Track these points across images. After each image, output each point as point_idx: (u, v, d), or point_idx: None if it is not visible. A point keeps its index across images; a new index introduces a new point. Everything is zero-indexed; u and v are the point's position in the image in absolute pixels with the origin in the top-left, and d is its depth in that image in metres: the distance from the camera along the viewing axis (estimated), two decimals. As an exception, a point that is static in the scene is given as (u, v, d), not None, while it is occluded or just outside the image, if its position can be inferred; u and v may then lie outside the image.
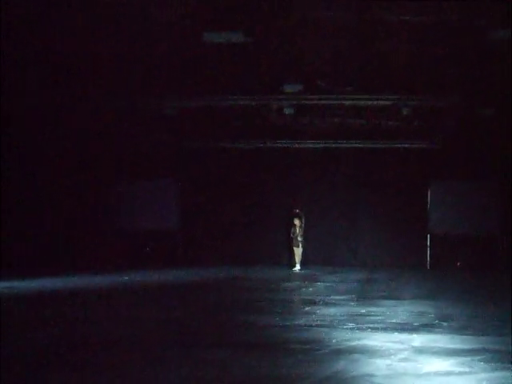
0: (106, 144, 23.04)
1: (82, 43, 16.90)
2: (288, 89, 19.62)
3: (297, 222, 21.86)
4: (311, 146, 23.27)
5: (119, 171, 23.82)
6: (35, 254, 21.88)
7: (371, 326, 9.90)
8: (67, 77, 18.82)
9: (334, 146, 23.12)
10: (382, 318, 10.82)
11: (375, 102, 20.25)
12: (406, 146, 22.76)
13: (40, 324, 10.22)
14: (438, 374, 6.91)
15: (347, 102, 20.34)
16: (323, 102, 20.40)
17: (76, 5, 14.89)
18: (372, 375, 6.83)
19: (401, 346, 8.23)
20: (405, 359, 7.51)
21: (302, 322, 10.42)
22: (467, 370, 7.07)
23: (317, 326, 9.93)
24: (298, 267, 21.56)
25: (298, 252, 21.83)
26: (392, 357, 7.62)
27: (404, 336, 9.00)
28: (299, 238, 21.80)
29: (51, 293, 14.90)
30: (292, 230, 21.93)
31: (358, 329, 9.63)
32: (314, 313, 11.44)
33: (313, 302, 12.94)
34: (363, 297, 14.12)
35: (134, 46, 17.30)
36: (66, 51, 17.17)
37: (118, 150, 23.34)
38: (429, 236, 22.92)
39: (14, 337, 8.99)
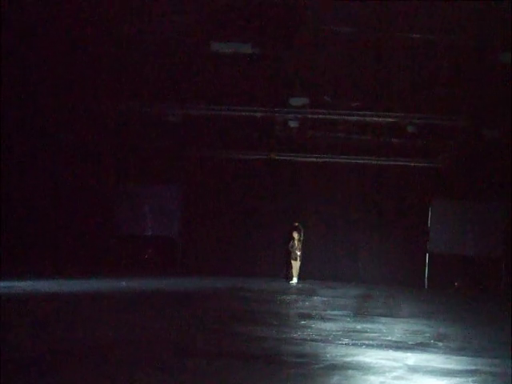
0: (109, 148, 23.07)
1: (90, 48, 16.98)
2: (294, 102, 19.66)
3: (295, 235, 21.83)
4: (314, 159, 23.27)
5: (121, 176, 23.83)
6: (35, 255, 21.84)
7: (366, 342, 9.86)
8: (73, 81, 18.88)
9: (337, 160, 23.12)
10: (378, 335, 10.78)
11: (380, 119, 20.27)
12: (410, 163, 22.76)
13: (32, 327, 10.18)
14: (431, 393, 6.89)
15: (352, 118, 20.37)
16: (328, 116, 20.43)
17: (85, 10, 14.99)
18: (365, 392, 6.81)
19: (395, 364, 8.20)
20: (399, 377, 7.47)
21: (297, 335, 10.39)
22: (461, 391, 7.06)
23: (312, 340, 9.90)
24: (295, 280, 21.52)
25: (296, 265, 21.79)
26: (386, 374, 7.59)
27: (399, 354, 8.97)
28: (297, 252, 21.75)
29: (47, 295, 14.86)
30: (290, 242, 21.89)
31: (353, 345, 9.59)
32: (310, 327, 11.40)
33: (309, 316, 12.90)
34: (360, 313, 14.08)
35: (142, 53, 17.37)
36: (74, 56, 17.25)
37: (121, 155, 23.36)
38: (428, 255, 22.88)
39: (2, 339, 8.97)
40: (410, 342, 10.11)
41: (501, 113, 19.03)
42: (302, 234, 21.93)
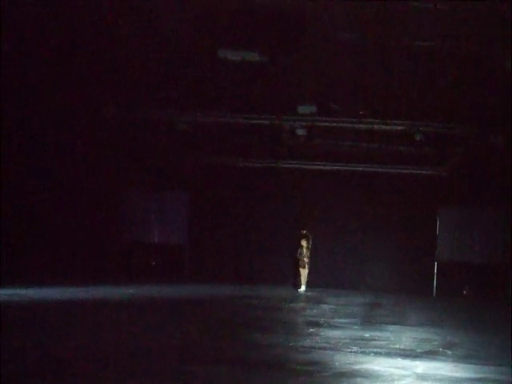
0: (117, 156, 23.10)
1: (98, 56, 17.06)
2: (302, 110, 19.68)
3: (304, 242, 21.80)
4: (322, 167, 23.27)
5: (128, 183, 23.88)
6: (41, 262, 21.86)
7: (375, 350, 9.86)
8: (81, 87, 18.96)
9: (344, 168, 23.12)
10: (386, 343, 10.78)
11: (388, 127, 20.27)
12: (417, 171, 22.74)
13: (36, 334, 10.20)
14: (440, 401, 6.88)
15: (360, 126, 20.38)
16: (336, 124, 20.44)
17: (95, 17, 15.08)
18: (374, 400, 6.81)
19: (404, 372, 8.19)
20: (407, 385, 7.48)
21: (305, 343, 10.39)
22: (469, 399, 7.05)
23: (320, 348, 9.90)
24: (303, 288, 21.51)
25: (304, 273, 21.76)
26: (395, 382, 7.58)
27: (407, 362, 8.96)
28: (305, 259, 21.73)
29: (52, 303, 14.85)
30: (299, 250, 21.86)
31: (362, 353, 9.59)
32: (318, 335, 11.40)
33: (317, 324, 12.90)
34: (368, 321, 14.07)
35: (150, 60, 17.43)
36: (83, 63, 17.32)
37: (127, 162, 23.39)
38: (436, 263, 22.84)
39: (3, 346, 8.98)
40: (418, 350, 10.10)
41: (507, 119, 19.01)
42: (311, 242, 21.91)
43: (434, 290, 22.78)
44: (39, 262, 21.76)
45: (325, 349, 9.80)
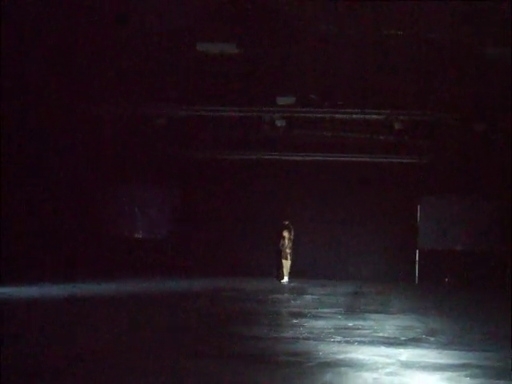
0: (101, 152, 22.99)
1: (81, 52, 16.98)
2: (281, 101, 19.68)
3: (286, 233, 21.81)
4: (302, 158, 23.29)
5: (113, 179, 23.78)
6: (27, 260, 21.68)
7: (358, 339, 9.91)
8: (63, 82, 18.86)
9: (325, 158, 23.14)
10: (370, 331, 10.83)
11: (367, 116, 20.31)
12: (397, 160, 22.80)
13: (27, 332, 10.16)
14: (424, 388, 6.93)
15: (339, 116, 20.40)
16: (315, 115, 20.46)
17: (74, 14, 14.99)
18: (359, 388, 6.84)
19: (388, 360, 8.24)
20: (391, 373, 7.52)
21: (289, 334, 10.43)
22: (453, 385, 7.10)
23: (304, 338, 9.93)
24: (286, 279, 21.54)
25: (287, 264, 21.78)
26: (379, 370, 7.63)
27: (391, 350, 9.01)
28: (288, 250, 21.75)
29: (40, 300, 14.79)
30: (281, 241, 21.88)
31: (346, 342, 9.63)
32: (302, 325, 11.43)
33: (301, 315, 12.93)
34: (351, 310, 14.13)
35: (130, 56, 17.37)
36: (68, 59, 17.24)
37: (111, 158, 23.28)
38: (417, 251, 22.95)
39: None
40: (402, 338, 10.16)
41: (488, 106, 19.10)
42: (293, 233, 21.93)
43: (417, 278, 22.89)
44: (25, 260, 21.56)
45: (309, 339, 9.84)
